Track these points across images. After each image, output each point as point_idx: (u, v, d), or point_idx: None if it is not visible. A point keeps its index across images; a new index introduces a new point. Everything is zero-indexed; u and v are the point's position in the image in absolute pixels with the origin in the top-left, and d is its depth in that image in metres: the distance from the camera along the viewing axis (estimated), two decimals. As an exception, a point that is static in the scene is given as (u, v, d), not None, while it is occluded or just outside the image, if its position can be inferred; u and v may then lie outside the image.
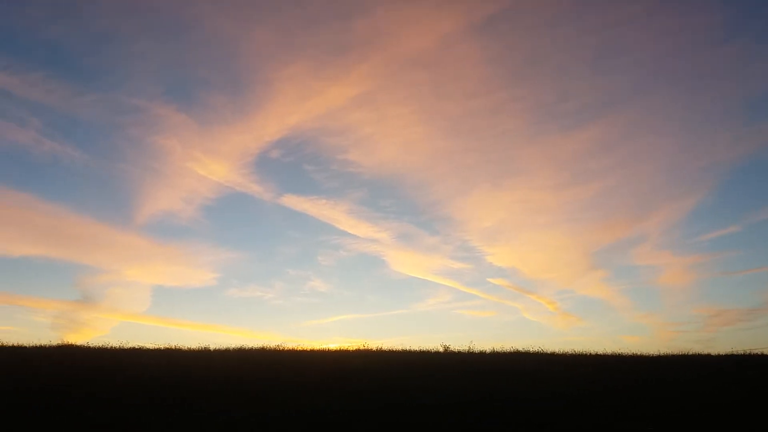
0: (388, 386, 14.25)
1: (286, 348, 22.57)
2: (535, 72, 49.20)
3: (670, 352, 23.81)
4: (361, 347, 22.30)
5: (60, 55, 45.19)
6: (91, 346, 21.98)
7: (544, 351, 23.01)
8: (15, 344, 21.28)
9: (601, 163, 50.47)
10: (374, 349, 22.11)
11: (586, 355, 22.75)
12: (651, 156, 51.31)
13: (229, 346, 22.72)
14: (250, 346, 22.73)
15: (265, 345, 22.91)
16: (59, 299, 42.61)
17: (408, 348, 22.68)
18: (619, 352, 23.56)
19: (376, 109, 47.89)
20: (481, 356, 21.03)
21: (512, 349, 23.09)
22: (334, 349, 22.69)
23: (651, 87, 49.57)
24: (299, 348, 22.60)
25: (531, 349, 23.16)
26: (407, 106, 48.77)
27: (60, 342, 22.25)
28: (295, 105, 45.83)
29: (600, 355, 22.82)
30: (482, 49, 45.89)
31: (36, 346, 21.08)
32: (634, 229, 49.53)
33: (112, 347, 21.59)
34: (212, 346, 22.51)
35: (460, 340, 41.79)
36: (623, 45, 47.57)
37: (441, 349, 22.36)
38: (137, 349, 21.51)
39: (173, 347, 22.08)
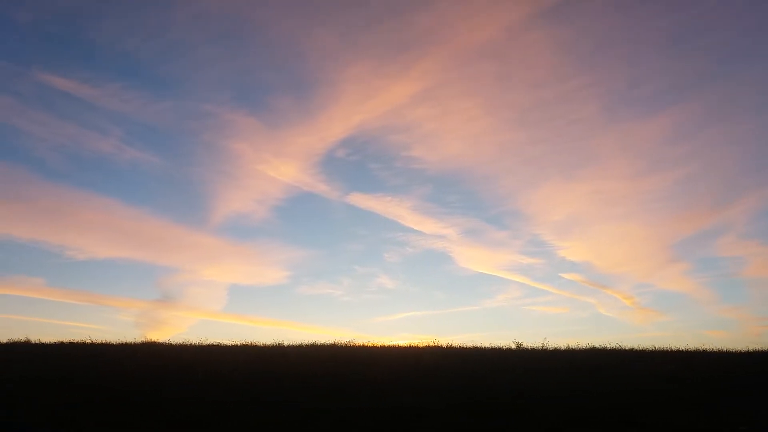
0: (460, 383, 14.12)
1: (356, 344, 22.83)
2: (606, 57, 47.37)
3: (759, 348, 22.37)
4: (431, 344, 22.25)
5: (136, 66, 47.39)
6: (172, 343, 23.00)
7: (623, 347, 22.19)
8: (102, 341, 22.53)
9: (679, 150, 48.01)
10: (444, 345, 22.01)
11: (667, 351, 21.74)
12: (734, 141, 48.26)
13: (302, 342, 23.24)
14: (322, 342, 23.14)
15: (336, 341, 23.27)
16: (141, 299, 44.73)
17: (479, 345, 22.47)
18: (703, 347, 22.37)
19: (440, 104, 47.53)
20: (556, 353, 20.50)
21: (588, 346, 22.42)
22: (404, 345, 22.74)
23: (732, 69, 46.67)
24: (369, 344, 22.81)
25: (608, 346, 22.42)
26: (471, 100, 48.09)
27: (143, 339, 23.40)
28: (359, 104, 46.20)
29: (682, 351, 21.75)
30: (550, 37, 44.64)
31: (122, 344, 22.23)
32: (716, 218, 46.85)
33: (192, 344, 22.50)
34: (286, 342, 23.08)
35: (532, 337, 40.89)
36: (699, 26, 45.08)
37: (513, 346, 21.97)
38: (216, 345, 22.33)
39: (249, 343, 22.77)
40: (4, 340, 22.19)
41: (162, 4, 45.01)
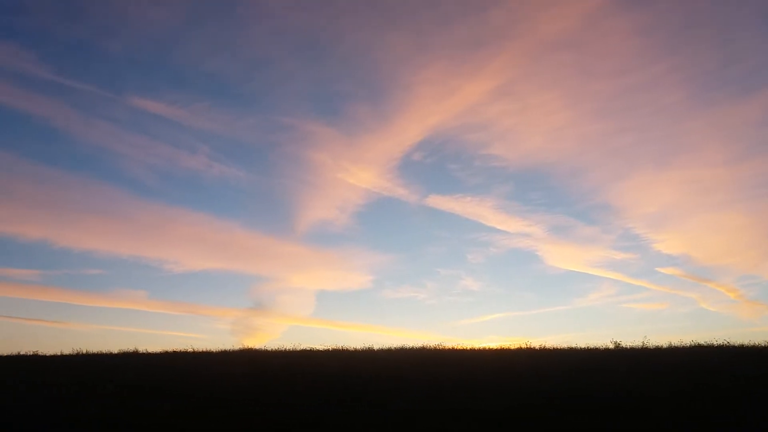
0: (557, 384, 13.73)
1: (445, 347, 22.70)
2: (694, 37, 44.66)
3: None
4: (523, 346, 21.75)
5: (219, 84, 49.57)
6: (267, 349, 23.79)
7: (731, 344, 20.73)
8: (204, 350, 23.65)
9: (781, 130, 44.51)
10: (537, 347, 21.46)
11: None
12: None
13: (390, 345, 23.37)
14: (410, 346, 23.19)
15: (425, 344, 23.24)
16: (236, 307, 46.66)
17: (573, 345, 21.73)
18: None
19: (518, 100, 46.45)
20: (658, 351, 19.49)
21: (692, 343, 21.11)
22: (495, 347, 22.37)
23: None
24: (459, 347, 22.60)
25: (714, 342, 21.04)
26: (551, 92, 46.71)
27: (241, 346, 24.35)
28: (434, 105, 46.07)
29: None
30: (631, 21, 42.60)
31: (221, 351, 23.25)
32: (830, 201, 43.03)
33: (286, 349, 23.17)
34: (375, 346, 23.30)
35: (630, 336, 39.12)
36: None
37: (611, 346, 21.07)
38: (309, 350, 22.87)
39: (340, 348, 23.17)
40: (115, 350, 23.77)
41: (241, 23, 46.87)
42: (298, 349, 23.33)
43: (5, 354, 23.56)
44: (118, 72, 47.90)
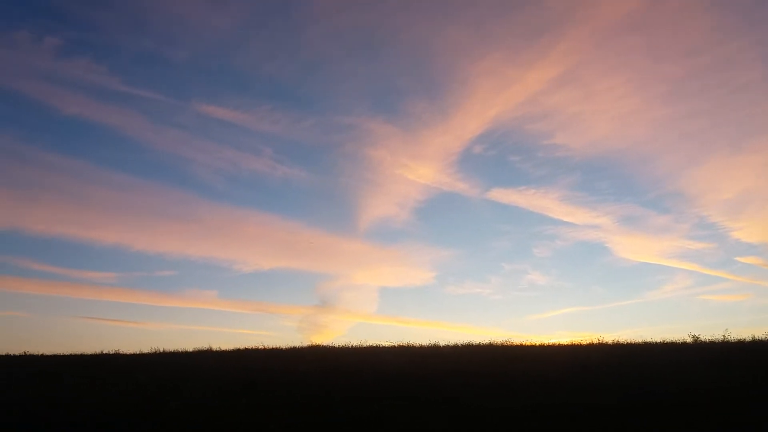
0: (634, 380, 13.26)
1: (513, 343, 22.37)
2: (770, 12, 42.09)
3: None
4: (596, 341, 21.14)
5: (279, 87, 50.71)
6: (335, 345, 24.16)
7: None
8: (274, 347, 24.25)
9: None
10: (610, 342, 20.80)
11: None
12: None
13: (456, 342, 23.25)
14: (477, 342, 22.98)
15: (492, 340, 22.99)
16: (303, 305, 47.70)
17: (648, 340, 20.93)
18: None
19: (582, 86, 45.10)
20: (740, 345, 18.48)
21: (779, 336, 19.95)
22: (566, 343, 21.85)
23: None
24: (528, 343, 22.22)
25: (802, 335, 19.78)
26: (617, 77, 45.05)
27: (309, 343, 24.83)
28: (494, 97, 45.40)
29: None
30: (701, -3, 40.68)
31: (290, 348, 23.77)
32: None
33: (353, 346, 23.47)
34: (441, 342, 23.24)
35: (709, 329, 37.22)
36: None
37: (689, 340, 20.16)
38: (375, 347, 23.07)
39: (406, 344, 23.26)
40: (190, 348, 24.70)
41: (297, 26, 47.78)
42: (365, 345, 23.58)
43: (89, 353, 24.92)
44: (184, 80, 49.87)
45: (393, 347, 22.71)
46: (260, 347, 24.11)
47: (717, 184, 44.98)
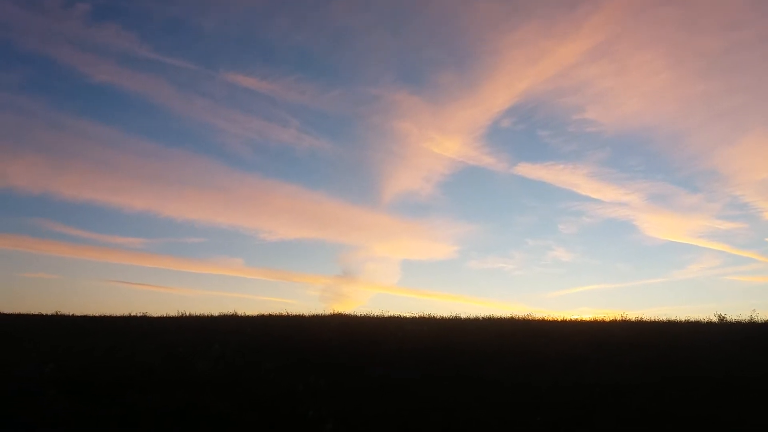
0: (658, 358, 13.23)
1: (535, 318, 22.37)
2: (813, -14, 40.49)
3: None
4: (619, 318, 21.03)
5: (307, 57, 50.47)
6: (357, 314, 24.45)
7: None
8: (297, 314, 24.62)
9: None
10: (634, 319, 20.68)
11: None
12: None
13: (477, 315, 23.34)
14: (498, 316, 23.05)
15: (513, 315, 23.03)
16: (325, 275, 48.34)
17: (673, 318, 20.77)
18: None
19: (616, 60, 43.99)
20: (766, 326, 18.26)
21: (807, 318, 19.66)
22: (589, 319, 21.79)
23: None
24: (550, 318, 22.21)
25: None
26: (652, 51, 43.81)
27: (332, 311, 25.16)
28: (525, 69, 44.61)
29: None
30: (741, -32, 39.24)
31: (313, 315, 24.12)
32: None
33: (375, 315, 23.71)
34: (462, 315, 23.36)
35: (736, 309, 36.99)
36: None
37: (715, 319, 19.97)
38: (396, 317, 23.27)
39: (427, 315, 23.42)
40: (216, 313, 25.21)
41: (326, -5, 47.19)
42: (386, 315, 23.81)
43: (118, 314, 25.59)
44: (213, 48, 49.88)
45: (414, 318, 22.89)
46: (283, 314, 24.52)
47: (751, 164, 44.03)
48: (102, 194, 49.50)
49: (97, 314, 25.49)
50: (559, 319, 21.83)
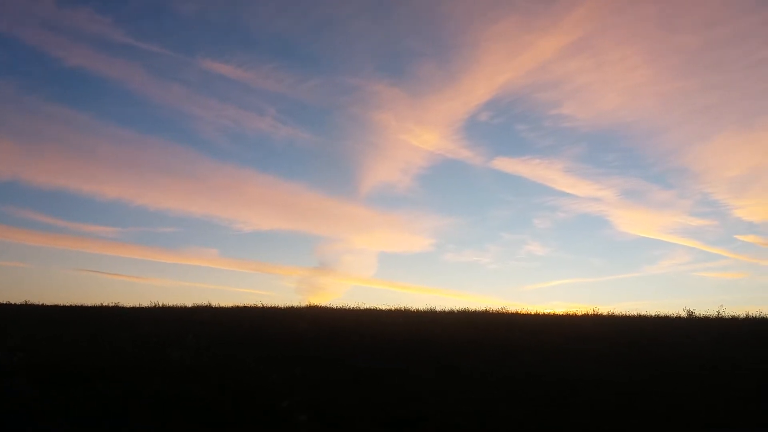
0: (630, 351, 13.48)
1: (508, 311, 22.65)
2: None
3: None
4: (590, 312, 21.41)
5: (286, 45, 49.90)
6: (333, 306, 24.43)
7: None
8: (271, 305, 24.53)
9: None
10: (605, 313, 21.07)
11: None
12: None
13: (453, 308, 23.53)
14: (473, 309, 23.27)
15: (487, 308, 23.26)
16: (301, 266, 48.11)
17: (644, 313, 21.21)
18: None
19: (594, 56, 44.27)
20: (735, 322, 18.76)
21: (774, 314, 20.24)
22: (561, 313, 22.14)
23: None
24: (523, 312, 22.50)
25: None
26: (630, 47, 44.12)
27: (307, 303, 25.12)
28: (504, 63, 44.70)
29: None
30: (720, -34, 39.83)
31: (288, 307, 24.04)
32: None
33: (351, 308, 23.75)
34: (437, 308, 23.53)
35: (704, 305, 37.70)
36: None
37: (683, 315, 20.45)
38: (372, 309, 23.34)
39: (403, 308, 23.53)
40: (189, 304, 24.96)
41: (306, -16, 46.71)
42: (362, 307, 23.86)
43: (90, 305, 25.17)
44: (190, 34, 48.98)
45: (390, 310, 22.99)
46: (258, 305, 24.40)
47: (723, 162, 44.91)
48: (74, 181, 48.47)
49: (68, 304, 25.05)
50: (533, 312, 22.15)
